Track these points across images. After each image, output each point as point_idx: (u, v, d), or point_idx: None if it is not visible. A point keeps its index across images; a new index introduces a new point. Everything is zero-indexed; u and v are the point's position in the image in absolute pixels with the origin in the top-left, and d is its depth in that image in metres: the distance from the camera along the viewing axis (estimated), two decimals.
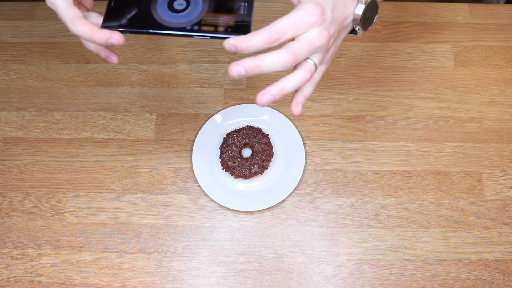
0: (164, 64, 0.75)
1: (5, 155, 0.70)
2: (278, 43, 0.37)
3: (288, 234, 0.64)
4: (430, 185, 0.66)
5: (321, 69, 0.43)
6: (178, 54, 0.75)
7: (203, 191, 0.66)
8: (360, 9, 0.43)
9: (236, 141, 0.67)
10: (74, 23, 0.39)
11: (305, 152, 0.68)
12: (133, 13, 0.40)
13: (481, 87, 0.72)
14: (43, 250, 0.64)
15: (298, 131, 0.69)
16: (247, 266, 0.63)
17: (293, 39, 0.38)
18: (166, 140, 0.70)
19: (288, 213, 0.65)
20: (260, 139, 0.67)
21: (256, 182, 0.67)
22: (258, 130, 0.68)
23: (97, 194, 0.67)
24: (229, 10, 0.39)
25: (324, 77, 0.74)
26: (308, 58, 0.40)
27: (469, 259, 0.63)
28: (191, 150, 0.69)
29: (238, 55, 0.75)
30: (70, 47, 0.76)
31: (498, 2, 1.31)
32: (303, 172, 0.67)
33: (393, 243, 0.64)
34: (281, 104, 0.71)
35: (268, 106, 0.71)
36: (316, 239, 0.64)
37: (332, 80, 0.73)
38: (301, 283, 0.62)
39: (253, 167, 0.66)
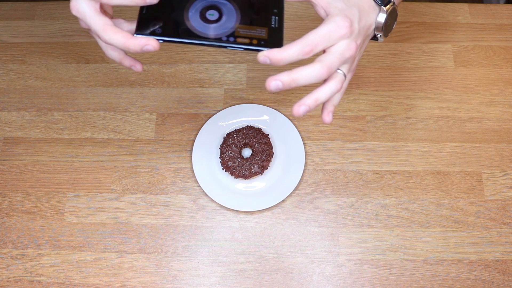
0: (164, 64, 0.75)
1: (5, 155, 0.70)
2: (311, 55, 0.38)
3: (288, 234, 0.64)
4: (430, 185, 0.66)
5: (348, 77, 0.44)
6: (178, 54, 0.75)
7: (203, 191, 0.66)
8: (382, 17, 0.44)
9: (236, 141, 0.67)
10: (106, 32, 0.38)
11: (305, 152, 0.68)
12: (166, 21, 0.40)
13: (481, 87, 0.72)
14: (43, 250, 0.64)
15: (298, 131, 0.69)
16: (247, 266, 0.63)
17: (323, 51, 0.40)
18: (166, 140, 0.70)
19: (288, 213, 0.65)
20: (260, 139, 0.67)
21: (256, 182, 0.67)
22: (258, 130, 0.68)
23: (97, 194, 0.67)
24: (261, 23, 0.40)
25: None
26: (338, 68, 0.41)
27: (469, 259, 0.63)
28: (191, 150, 0.69)
29: (240, 57, 0.75)
30: (70, 47, 0.76)
31: (498, 2, 1.31)
32: (303, 172, 0.67)
33: (393, 243, 0.64)
34: (281, 104, 0.71)
35: (268, 106, 0.71)
36: (316, 239, 0.64)
37: None
38: (301, 283, 0.62)
39: (253, 167, 0.66)
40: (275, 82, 0.38)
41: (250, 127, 0.68)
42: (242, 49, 0.39)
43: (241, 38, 0.39)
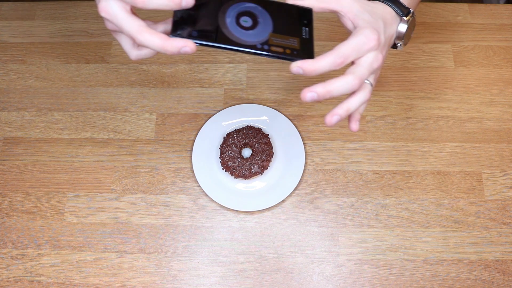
0: (164, 64, 0.75)
1: (5, 155, 0.70)
2: (342, 66, 0.40)
3: (288, 234, 0.64)
4: (430, 185, 0.66)
5: (373, 87, 0.46)
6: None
7: (203, 191, 0.66)
8: (403, 27, 0.46)
9: (236, 141, 0.67)
10: (141, 33, 0.38)
11: (305, 152, 0.68)
12: (202, 25, 0.39)
13: (481, 87, 0.72)
14: (43, 250, 0.64)
15: (298, 131, 0.69)
16: (247, 266, 0.63)
17: (352, 62, 0.41)
18: (166, 140, 0.70)
19: (288, 213, 0.65)
20: (260, 139, 0.67)
21: (256, 182, 0.67)
22: (258, 130, 0.68)
23: (97, 194, 0.67)
24: (293, 33, 0.41)
25: (324, 76, 0.74)
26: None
27: (469, 259, 0.63)
28: (191, 150, 0.69)
29: (240, 57, 0.75)
30: (70, 47, 0.76)
31: (498, 2, 1.31)
32: (303, 172, 0.67)
33: (393, 243, 0.64)
34: (281, 104, 0.71)
35: (268, 106, 0.71)
36: (316, 239, 0.64)
37: None
38: (301, 283, 0.62)
39: (253, 167, 0.66)
40: (310, 94, 0.39)
41: (250, 127, 0.68)
42: (275, 58, 0.39)
43: (275, 47, 0.39)
